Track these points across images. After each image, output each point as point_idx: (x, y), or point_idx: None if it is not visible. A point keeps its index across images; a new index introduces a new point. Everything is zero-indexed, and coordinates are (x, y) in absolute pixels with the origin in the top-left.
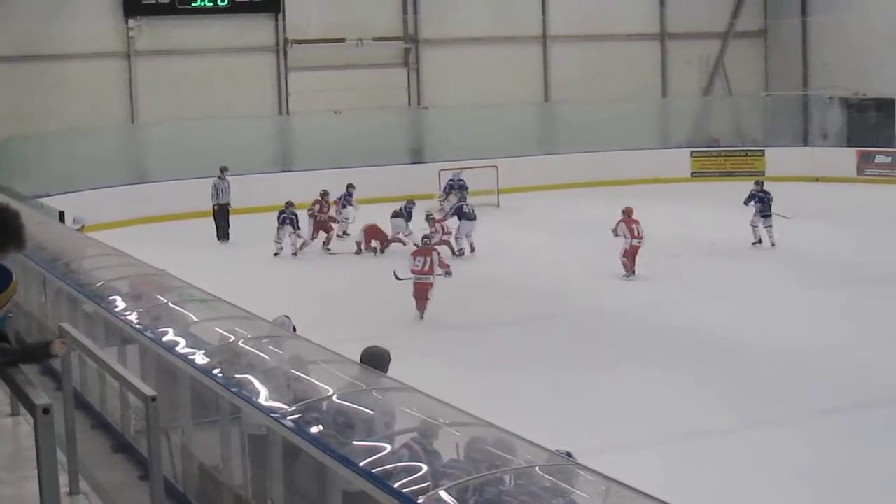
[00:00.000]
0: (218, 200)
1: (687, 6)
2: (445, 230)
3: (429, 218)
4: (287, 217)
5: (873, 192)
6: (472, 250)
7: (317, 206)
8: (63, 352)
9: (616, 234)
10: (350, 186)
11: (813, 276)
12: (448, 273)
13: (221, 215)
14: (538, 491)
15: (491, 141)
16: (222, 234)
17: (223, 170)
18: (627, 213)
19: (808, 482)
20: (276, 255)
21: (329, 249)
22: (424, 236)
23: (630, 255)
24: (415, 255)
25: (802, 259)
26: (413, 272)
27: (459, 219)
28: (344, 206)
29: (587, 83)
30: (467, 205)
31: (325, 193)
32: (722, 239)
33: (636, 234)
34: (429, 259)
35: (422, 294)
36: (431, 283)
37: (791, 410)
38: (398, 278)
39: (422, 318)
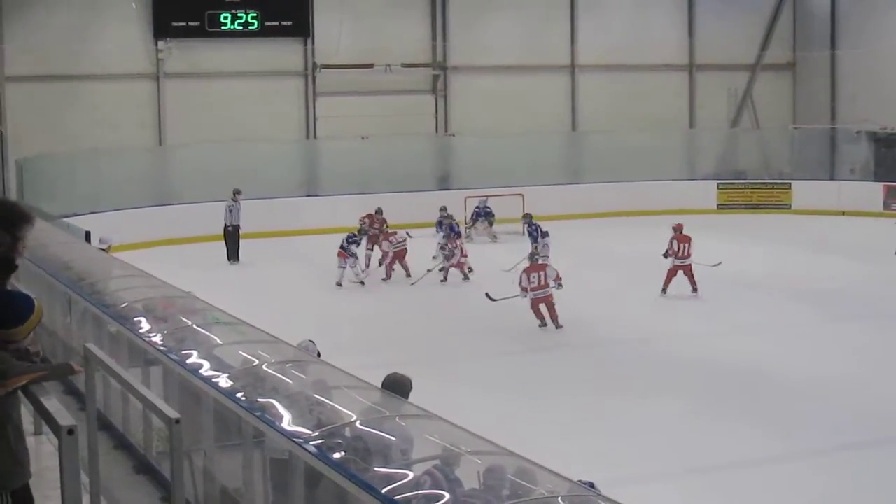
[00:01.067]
0: (231, 222)
1: (716, 38)
2: (463, 252)
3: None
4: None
5: None
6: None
7: (367, 220)
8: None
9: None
10: (378, 211)
11: (838, 310)
12: (559, 285)
13: (232, 237)
14: None
15: (517, 169)
16: (233, 255)
17: (236, 192)
18: (678, 229)
19: None
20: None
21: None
22: (532, 255)
23: (671, 274)
24: (528, 272)
25: (827, 293)
26: (531, 289)
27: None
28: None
29: (615, 113)
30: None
31: (379, 210)
32: (746, 271)
33: (681, 252)
34: (542, 274)
35: (547, 305)
36: (551, 294)
37: (814, 444)
38: (492, 299)
39: (557, 327)
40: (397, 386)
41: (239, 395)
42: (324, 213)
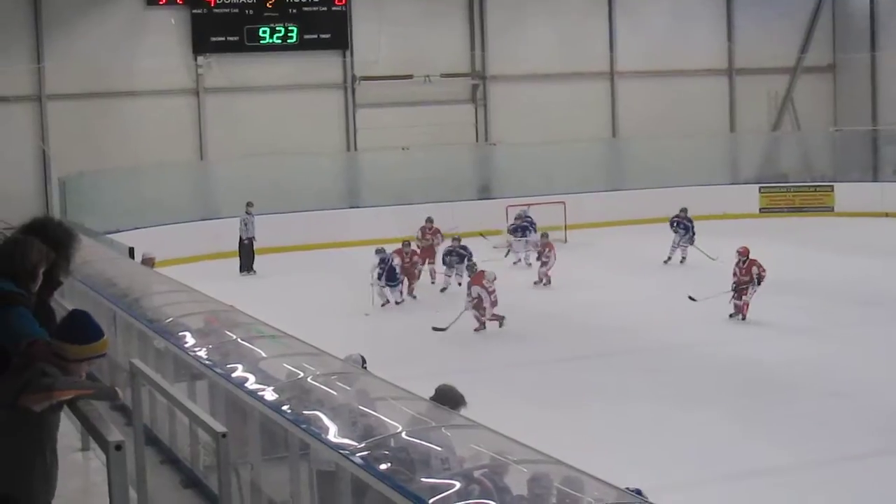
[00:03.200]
0: (247, 235)
1: (755, 41)
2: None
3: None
4: (454, 250)
5: None
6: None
7: (419, 233)
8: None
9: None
10: (429, 220)
11: (884, 314)
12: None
13: (247, 250)
14: None
15: (558, 177)
16: (246, 267)
17: (249, 205)
18: (744, 253)
19: None
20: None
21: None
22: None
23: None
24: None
25: (873, 295)
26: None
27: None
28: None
29: (655, 119)
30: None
31: (429, 220)
32: (790, 275)
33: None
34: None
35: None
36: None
37: (856, 450)
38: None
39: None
40: (447, 397)
41: (284, 407)
42: (366, 225)
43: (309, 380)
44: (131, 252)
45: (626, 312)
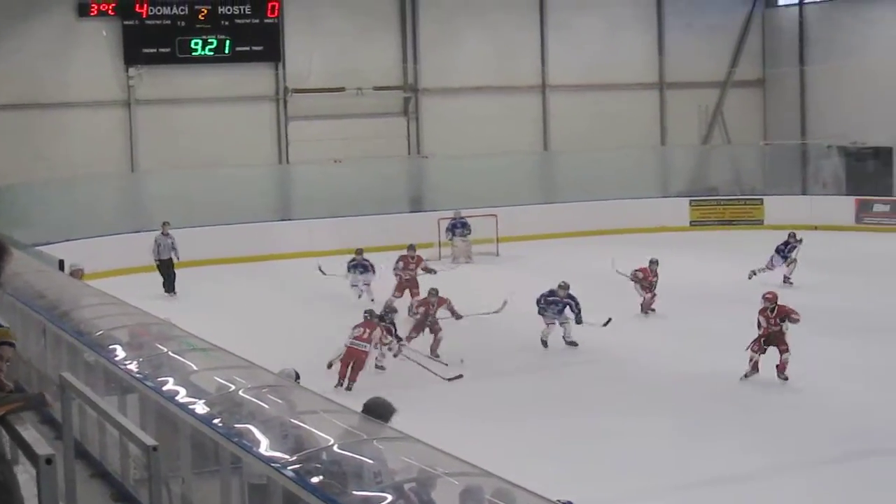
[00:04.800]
0: (159, 256)
1: (686, 56)
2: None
3: (411, 249)
4: (359, 263)
5: (872, 241)
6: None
7: (401, 263)
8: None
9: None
10: (411, 248)
11: (817, 325)
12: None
13: (164, 270)
14: None
15: (491, 190)
16: (168, 287)
17: (165, 224)
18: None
19: None
20: (359, 296)
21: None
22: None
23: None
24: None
25: (806, 307)
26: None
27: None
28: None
29: (586, 132)
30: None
31: (411, 247)
32: (721, 287)
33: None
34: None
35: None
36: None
37: (802, 458)
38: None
39: (348, 388)
40: (378, 410)
41: (216, 420)
42: (298, 238)
43: (240, 393)
44: (61, 264)
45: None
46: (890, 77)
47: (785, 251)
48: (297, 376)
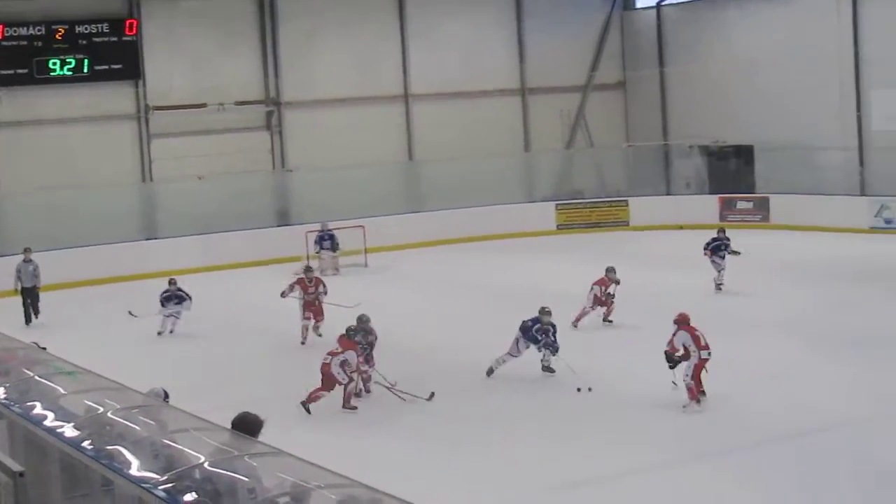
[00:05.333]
0: (23, 284)
1: (547, 61)
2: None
3: (308, 271)
4: (173, 294)
5: (736, 237)
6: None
7: (298, 289)
8: None
9: (675, 351)
10: (308, 269)
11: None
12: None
13: (27, 298)
14: None
15: (357, 201)
16: (29, 317)
17: (26, 250)
18: (683, 320)
19: None
20: (159, 333)
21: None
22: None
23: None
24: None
25: (667, 307)
26: None
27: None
28: None
29: (450, 140)
30: None
31: (308, 269)
32: (586, 291)
33: (703, 344)
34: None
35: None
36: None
37: (664, 457)
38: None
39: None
40: (246, 425)
41: (85, 443)
42: (165, 256)
43: (109, 415)
44: None
45: (433, 334)
46: (747, 76)
47: (721, 250)
48: (166, 395)
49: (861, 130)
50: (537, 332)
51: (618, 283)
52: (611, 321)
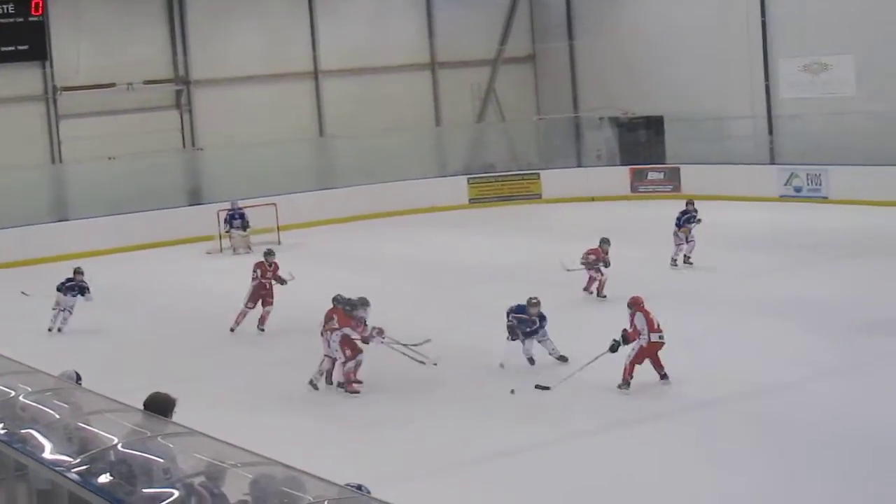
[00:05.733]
0: None
1: (455, 35)
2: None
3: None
4: (76, 285)
5: (647, 208)
6: None
7: (258, 271)
8: None
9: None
10: (269, 253)
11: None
12: None
13: None
14: None
15: (268, 178)
16: None
17: None
18: (637, 302)
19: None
20: (49, 329)
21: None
22: None
23: (647, 356)
24: None
25: (582, 278)
26: None
27: None
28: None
29: (361, 116)
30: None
31: (269, 253)
32: (501, 263)
33: (655, 326)
34: None
35: None
36: None
37: (574, 429)
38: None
39: None
40: (159, 406)
41: None
42: (76, 238)
43: (21, 398)
44: None
45: None
46: (656, 47)
47: (691, 222)
48: (79, 378)
49: (769, 99)
50: (523, 323)
51: (607, 253)
52: (605, 296)
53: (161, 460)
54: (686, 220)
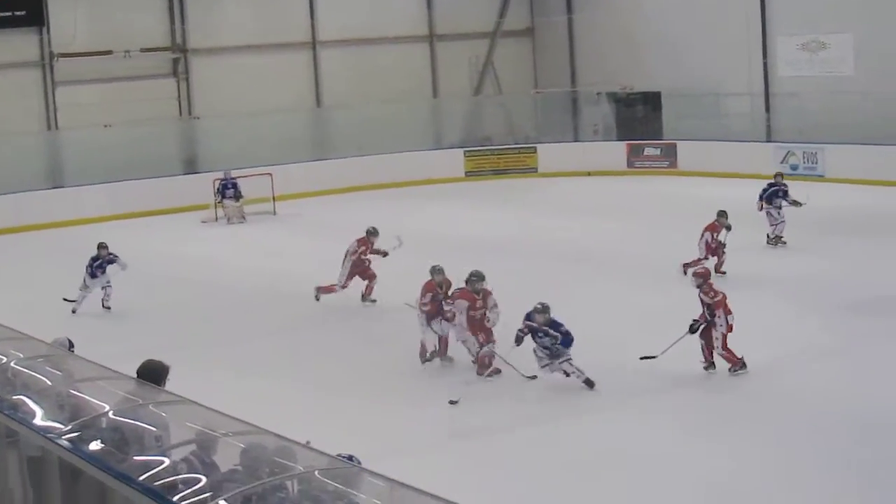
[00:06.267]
0: None
1: (454, 7)
2: None
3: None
4: (104, 261)
5: (644, 184)
6: None
7: (363, 248)
8: None
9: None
10: (372, 232)
11: (590, 270)
12: None
13: None
14: (320, 495)
15: (264, 148)
16: None
17: None
18: (705, 276)
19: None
20: (74, 311)
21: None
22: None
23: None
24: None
25: (579, 253)
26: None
27: None
28: None
29: (358, 87)
30: None
31: (373, 232)
32: (496, 236)
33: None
34: None
35: None
36: None
37: (561, 410)
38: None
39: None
40: (152, 373)
41: None
42: (71, 205)
43: (13, 364)
44: None
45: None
46: (654, 22)
47: (778, 197)
48: (71, 345)
49: (767, 77)
50: (538, 334)
51: (729, 228)
52: (724, 272)
53: (153, 428)
54: (772, 194)
